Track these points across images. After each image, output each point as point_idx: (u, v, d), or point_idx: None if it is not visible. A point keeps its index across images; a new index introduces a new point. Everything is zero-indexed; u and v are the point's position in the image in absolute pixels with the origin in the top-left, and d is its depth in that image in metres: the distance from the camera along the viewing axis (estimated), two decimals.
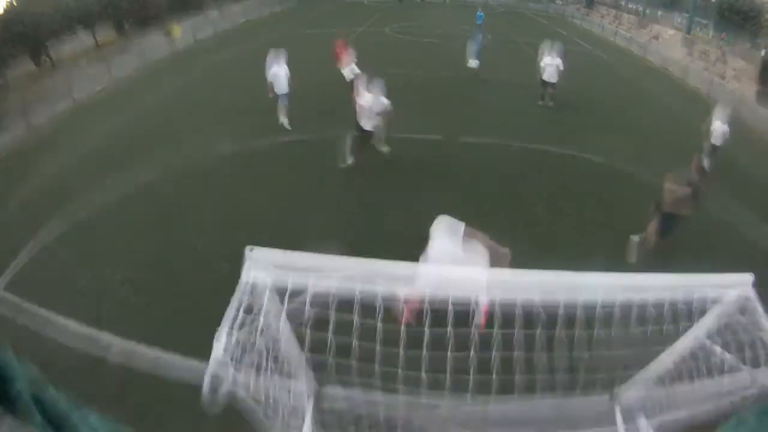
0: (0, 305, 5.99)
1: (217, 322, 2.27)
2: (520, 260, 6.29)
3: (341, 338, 2.26)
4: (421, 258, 4.33)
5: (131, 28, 21.73)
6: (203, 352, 2.28)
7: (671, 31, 27.16)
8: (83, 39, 20.55)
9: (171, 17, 23.36)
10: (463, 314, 2.38)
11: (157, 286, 6.38)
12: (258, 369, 2.37)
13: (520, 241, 7.17)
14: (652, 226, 6.94)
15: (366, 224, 7.73)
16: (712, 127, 10.10)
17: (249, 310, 2.19)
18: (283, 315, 2.28)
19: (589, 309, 2.20)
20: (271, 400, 2.58)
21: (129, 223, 7.86)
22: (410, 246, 4.39)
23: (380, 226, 7.63)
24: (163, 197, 8.60)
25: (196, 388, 2.26)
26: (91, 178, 9.15)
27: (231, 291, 2.24)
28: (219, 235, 7.40)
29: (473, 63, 15.50)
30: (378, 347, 2.32)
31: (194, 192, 8.77)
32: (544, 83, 13.40)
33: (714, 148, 10.06)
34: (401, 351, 2.31)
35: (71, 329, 5.51)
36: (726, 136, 10.02)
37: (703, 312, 2.53)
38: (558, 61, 13.09)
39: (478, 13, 25.14)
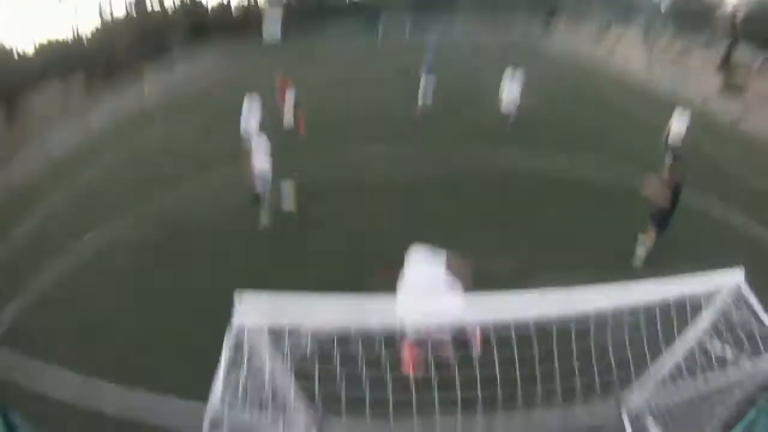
0: None
1: (211, 361, 2.22)
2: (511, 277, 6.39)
3: (339, 374, 2.21)
4: (399, 287, 4.19)
5: (102, 79, 21.69)
6: (202, 392, 2.23)
7: (630, 36, 28.10)
8: (55, 91, 20.44)
9: (141, 65, 23.31)
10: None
11: (147, 329, 6.24)
12: (257, 410, 2.31)
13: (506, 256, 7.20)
14: (649, 233, 7.27)
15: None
16: (670, 128, 10.77)
17: (243, 353, 2.15)
18: (278, 355, 2.24)
19: (584, 320, 2.20)
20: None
21: (111, 273, 7.72)
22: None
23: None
24: (142, 246, 8.46)
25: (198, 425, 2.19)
26: (68, 233, 9.03)
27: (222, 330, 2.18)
28: (203, 282, 7.27)
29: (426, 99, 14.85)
30: (375, 378, 2.27)
31: (172, 241, 8.59)
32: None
33: (669, 147, 10.65)
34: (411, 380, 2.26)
35: (66, 380, 5.38)
36: (681, 136, 10.59)
37: (698, 311, 2.55)
38: (515, 92, 13.04)
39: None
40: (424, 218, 8.70)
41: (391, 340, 2.70)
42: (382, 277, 4.22)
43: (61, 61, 20.33)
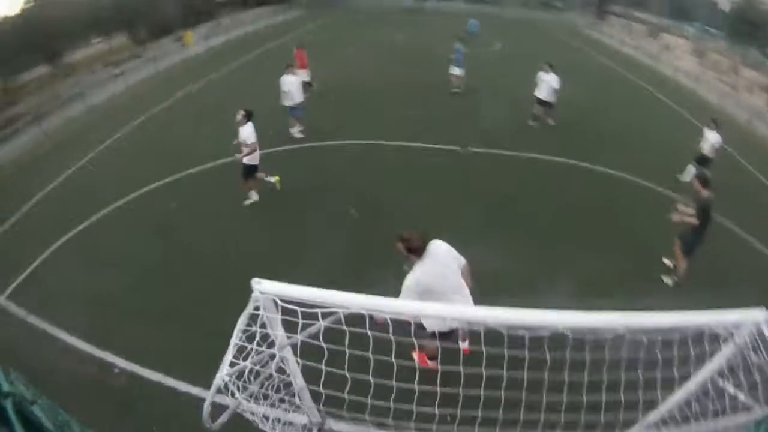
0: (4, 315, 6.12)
1: (220, 342, 2.30)
2: (532, 282, 6.39)
3: (347, 371, 2.24)
4: (413, 273, 4.14)
5: (145, 35, 21.96)
6: (210, 368, 2.32)
7: (682, 41, 27.00)
8: (97, 45, 20.86)
9: (184, 24, 23.66)
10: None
11: (160, 295, 6.43)
12: (262, 398, 2.37)
13: (529, 263, 7.18)
14: (679, 256, 7.06)
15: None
16: (703, 135, 10.11)
17: (254, 340, 2.20)
18: (289, 347, 2.29)
19: (598, 349, 2.17)
20: (274, 428, 2.59)
21: (134, 231, 7.93)
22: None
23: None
24: (168, 204, 8.69)
25: (201, 403, 2.28)
26: (101, 184, 9.31)
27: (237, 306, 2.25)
28: (225, 246, 7.47)
29: (457, 71, 15.04)
30: (385, 381, 2.30)
31: (204, 198, 8.82)
32: (540, 102, 12.50)
33: (703, 157, 10.03)
34: (415, 388, 2.28)
35: (75, 344, 5.57)
36: (716, 146, 9.89)
37: (714, 350, 2.49)
38: (553, 78, 12.05)
39: (470, 21, 24.24)
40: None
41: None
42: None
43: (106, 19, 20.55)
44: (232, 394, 2.29)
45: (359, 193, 9.03)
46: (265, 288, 2.19)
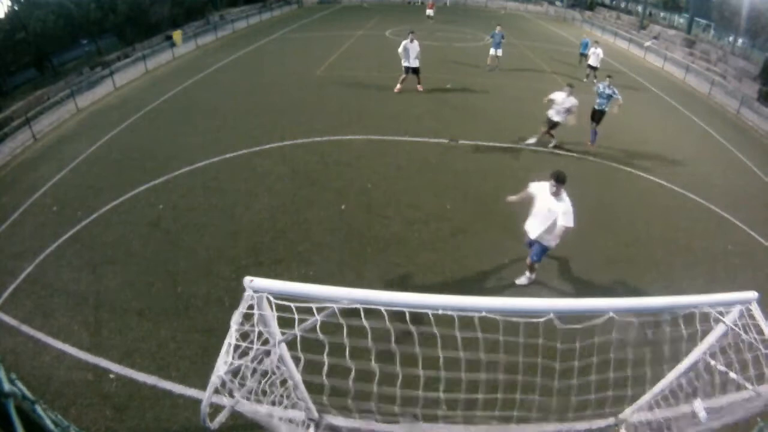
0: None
1: (215, 341, 2.28)
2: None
3: (345, 367, 2.24)
4: None
5: (133, 36, 21.71)
6: (206, 369, 2.30)
7: (671, 32, 27.11)
8: (86, 46, 20.62)
9: (173, 24, 23.46)
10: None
11: (153, 298, 6.36)
12: (259, 395, 2.37)
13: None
14: None
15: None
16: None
17: (248, 338, 2.20)
18: (284, 343, 2.29)
19: (590, 331, 2.19)
20: (271, 424, 2.59)
21: (125, 236, 7.80)
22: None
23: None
24: (165, 203, 8.60)
25: (197, 406, 2.26)
26: (93, 186, 9.22)
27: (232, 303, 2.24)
28: (220, 241, 7.45)
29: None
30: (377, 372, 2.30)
31: (196, 197, 8.76)
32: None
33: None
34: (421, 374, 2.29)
35: (69, 351, 5.50)
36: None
37: (706, 331, 2.51)
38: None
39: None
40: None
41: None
42: None
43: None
44: (230, 393, 2.28)
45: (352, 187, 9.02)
46: (257, 285, 2.19)
